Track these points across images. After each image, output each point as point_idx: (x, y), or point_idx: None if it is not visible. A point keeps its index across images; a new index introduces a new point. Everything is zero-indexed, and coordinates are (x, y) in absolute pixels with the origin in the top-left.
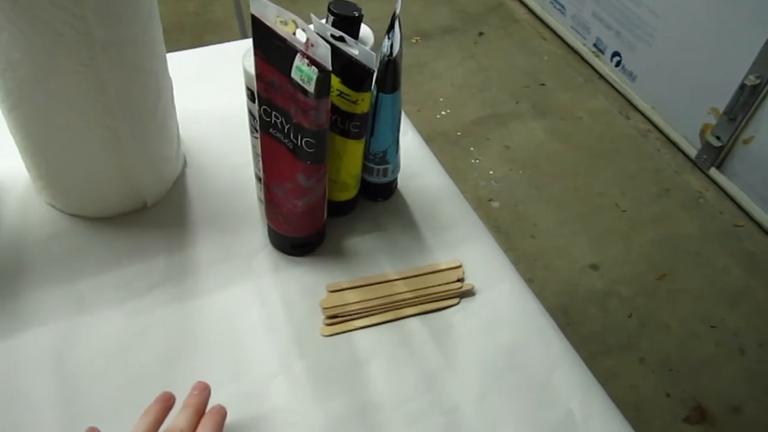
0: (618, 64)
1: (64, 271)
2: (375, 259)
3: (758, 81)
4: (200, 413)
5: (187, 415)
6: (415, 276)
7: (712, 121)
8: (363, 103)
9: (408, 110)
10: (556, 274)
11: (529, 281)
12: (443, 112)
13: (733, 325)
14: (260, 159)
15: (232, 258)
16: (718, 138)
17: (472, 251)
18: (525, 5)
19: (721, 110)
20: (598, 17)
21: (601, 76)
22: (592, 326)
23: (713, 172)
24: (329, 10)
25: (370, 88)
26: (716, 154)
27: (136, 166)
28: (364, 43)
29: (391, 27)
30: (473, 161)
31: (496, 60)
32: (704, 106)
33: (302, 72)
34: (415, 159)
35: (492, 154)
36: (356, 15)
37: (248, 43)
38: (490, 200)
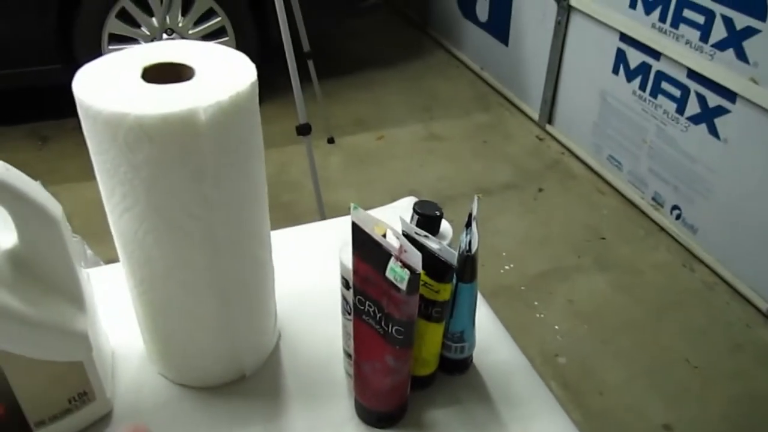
0: (678, 217)
1: None
2: None
3: None
4: None
5: None
6: None
7: None
8: (444, 292)
9: None
10: None
11: None
12: (506, 267)
13: None
14: (351, 338)
15: (322, 428)
16: None
17: (545, 426)
18: (582, 161)
19: None
20: (654, 173)
21: (662, 229)
22: None
23: None
24: (414, 210)
25: (452, 280)
26: None
27: (239, 342)
28: (443, 237)
29: (469, 224)
30: (538, 316)
31: (557, 215)
32: None
33: (396, 272)
34: (487, 333)
35: (556, 309)
36: (438, 214)
37: (333, 224)
38: (556, 356)
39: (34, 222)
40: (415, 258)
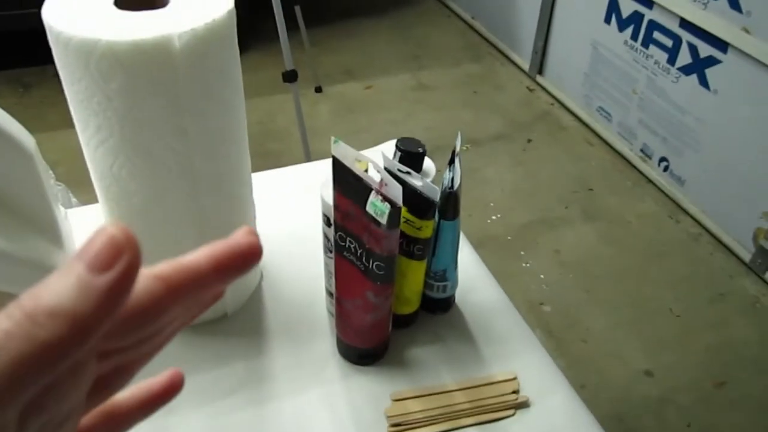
0: (666, 169)
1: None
2: (435, 370)
3: None
4: None
5: None
6: (473, 387)
7: (765, 225)
8: (426, 229)
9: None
10: (609, 381)
11: (582, 387)
12: (494, 217)
13: None
14: (332, 276)
15: (304, 366)
16: None
17: (526, 363)
18: (572, 113)
19: None
20: (644, 124)
21: (650, 181)
22: None
23: None
24: (397, 146)
25: (434, 217)
26: None
27: None
28: (426, 174)
29: (452, 161)
30: (524, 265)
31: (545, 166)
32: (756, 210)
33: (376, 207)
34: (471, 274)
35: (542, 259)
36: (420, 151)
37: (317, 166)
38: (541, 304)
39: (6, 154)
40: (396, 191)
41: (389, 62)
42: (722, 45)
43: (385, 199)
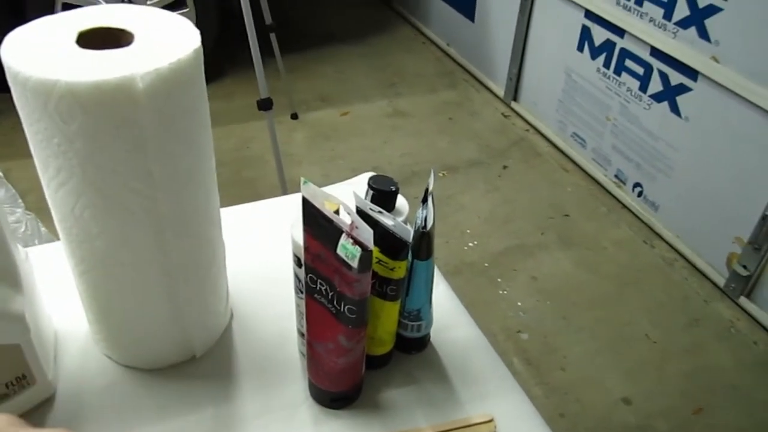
0: (640, 194)
1: (119, 420)
2: (410, 412)
3: None
4: None
5: None
6: (449, 431)
7: (738, 250)
8: (399, 270)
9: (437, 242)
10: (588, 409)
11: (561, 416)
12: (470, 244)
13: None
14: (303, 317)
15: (275, 411)
16: (745, 267)
17: (503, 404)
18: (547, 139)
19: (746, 240)
20: (618, 150)
21: (624, 206)
22: None
23: (743, 300)
24: (369, 185)
25: (407, 257)
26: (744, 283)
27: (188, 322)
28: (399, 213)
29: (425, 200)
30: (501, 292)
31: (521, 192)
32: (729, 235)
33: (347, 250)
34: (446, 310)
35: (519, 286)
36: (393, 189)
37: (291, 200)
38: (518, 332)
39: None
40: (367, 234)
41: (365, 89)
42: (692, 73)
43: (356, 242)
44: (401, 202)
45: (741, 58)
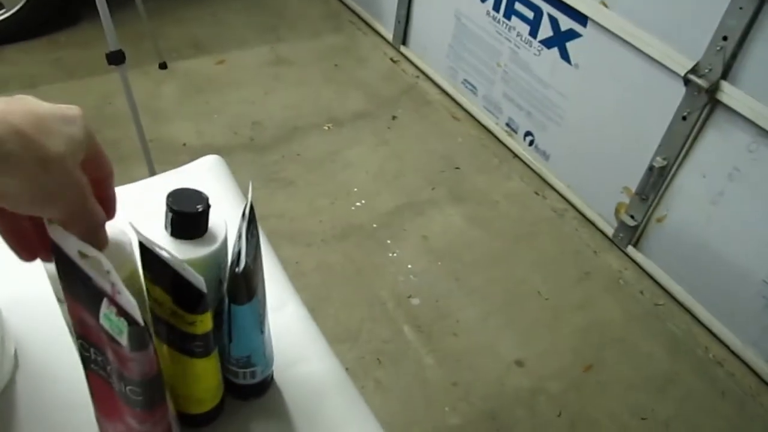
0: (531, 143)
1: None
2: None
3: (665, 162)
4: None
5: None
6: None
7: (626, 200)
8: (202, 323)
9: (321, 203)
10: (481, 375)
11: (454, 385)
12: (358, 204)
13: (664, 415)
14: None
15: None
16: (632, 217)
17: None
18: (437, 86)
19: (633, 190)
20: (508, 98)
21: (516, 156)
22: (522, 431)
23: (631, 250)
24: (167, 205)
25: (207, 309)
26: (632, 232)
27: None
28: (214, 239)
29: (240, 234)
30: (391, 255)
31: (411, 144)
32: (617, 185)
33: (111, 322)
34: (296, 338)
35: (410, 247)
36: (200, 210)
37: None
38: (409, 297)
39: None
40: (131, 305)
41: (243, 34)
42: (582, 18)
43: (121, 313)
44: (216, 222)
45: (629, 3)
